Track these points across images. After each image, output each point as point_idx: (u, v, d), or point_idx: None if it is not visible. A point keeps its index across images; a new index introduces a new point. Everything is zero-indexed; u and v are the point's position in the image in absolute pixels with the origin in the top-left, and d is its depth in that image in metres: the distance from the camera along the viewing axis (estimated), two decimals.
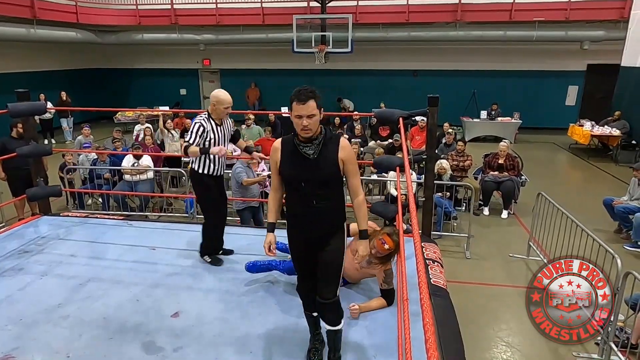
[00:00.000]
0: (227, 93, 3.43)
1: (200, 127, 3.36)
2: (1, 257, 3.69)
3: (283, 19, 11.99)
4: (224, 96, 3.39)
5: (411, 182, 2.21)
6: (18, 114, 4.19)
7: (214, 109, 3.41)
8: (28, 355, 2.49)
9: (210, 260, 3.60)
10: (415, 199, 5.03)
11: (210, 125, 3.39)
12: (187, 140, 3.38)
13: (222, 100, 3.37)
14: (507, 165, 6.67)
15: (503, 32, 12.04)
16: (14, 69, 12.22)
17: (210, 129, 3.39)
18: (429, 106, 3.73)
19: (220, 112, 3.41)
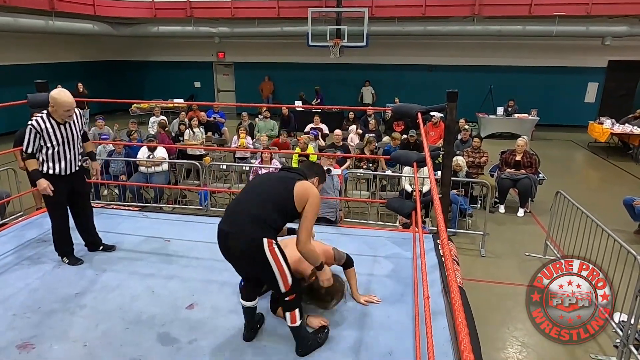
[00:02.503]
0: (69, 94, 3.23)
1: (32, 130, 3.17)
2: (20, 245, 3.75)
3: (298, 12, 11.93)
4: (63, 98, 3.18)
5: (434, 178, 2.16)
6: (37, 105, 4.22)
7: (53, 111, 3.22)
8: (46, 344, 2.53)
9: (68, 260, 3.46)
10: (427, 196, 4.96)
11: (49, 124, 3.21)
12: (25, 150, 3.21)
13: (60, 102, 3.17)
14: (524, 162, 6.56)
15: (522, 27, 11.82)
16: (32, 60, 12.41)
17: (48, 128, 3.20)
18: (447, 101, 3.66)
19: (61, 114, 3.22)
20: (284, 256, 2.39)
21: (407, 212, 3.73)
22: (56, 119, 3.25)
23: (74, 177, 3.46)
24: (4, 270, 3.35)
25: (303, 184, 2.43)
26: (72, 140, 3.36)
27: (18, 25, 10.20)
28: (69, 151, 3.35)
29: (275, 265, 2.34)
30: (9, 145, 6.91)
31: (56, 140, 3.26)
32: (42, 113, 3.27)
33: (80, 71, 13.94)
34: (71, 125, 3.34)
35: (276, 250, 2.35)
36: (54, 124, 3.24)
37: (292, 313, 2.45)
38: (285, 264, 2.38)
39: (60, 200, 3.40)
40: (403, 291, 3.13)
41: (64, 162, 3.33)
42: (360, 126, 9.57)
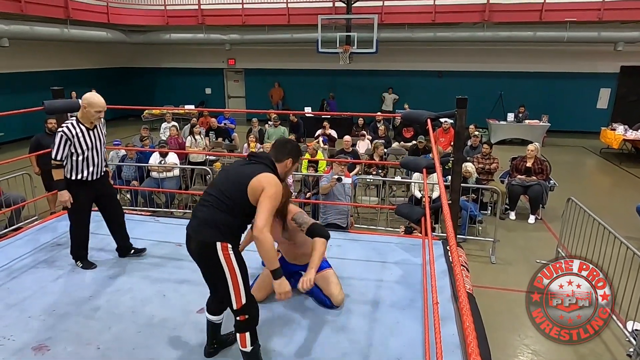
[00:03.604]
0: (101, 97, 3.34)
1: (63, 137, 3.23)
2: (35, 249, 3.82)
3: (308, 19, 12.03)
4: (96, 99, 3.29)
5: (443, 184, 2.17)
6: (53, 111, 4.32)
7: (84, 112, 3.30)
8: (60, 346, 2.57)
9: (82, 265, 3.50)
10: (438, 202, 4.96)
11: (79, 130, 3.28)
12: (54, 157, 3.26)
13: (93, 102, 3.27)
14: (535, 168, 6.52)
15: (533, 33, 11.77)
16: (47, 67, 12.66)
17: (79, 134, 3.28)
18: (457, 108, 3.67)
19: (91, 115, 3.30)
20: (242, 268, 2.24)
21: (416, 218, 3.73)
22: (85, 125, 3.34)
23: (100, 182, 3.54)
24: (20, 273, 3.42)
25: (258, 179, 2.22)
26: (100, 145, 3.45)
27: (34, 33, 10.43)
28: (96, 156, 3.43)
29: (229, 273, 2.20)
30: (24, 150, 7.05)
31: (86, 145, 3.32)
32: (71, 120, 3.33)
33: (93, 78, 14.19)
34: (98, 131, 3.44)
35: (232, 257, 2.21)
36: (83, 129, 3.31)
37: (242, 335, 2.28)
38: (242, 277, 2.23)
39: (83, 206, 3.46)
40: (412, 297, 3.14)
41: (92, 168, 3.40)
42: (369, 132, 9.59)
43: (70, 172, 3.36)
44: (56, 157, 3.26)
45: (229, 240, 2.22)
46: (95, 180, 3.45)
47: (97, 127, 3.42)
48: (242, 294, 2.24)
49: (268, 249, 2.15)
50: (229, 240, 2.22)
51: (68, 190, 3.35)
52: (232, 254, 2.22)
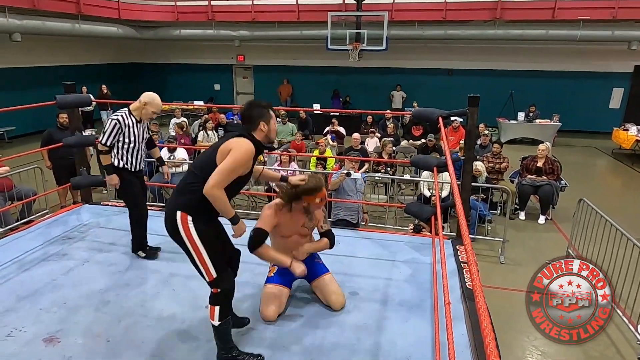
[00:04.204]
0: (160, 101, 3.49)
1: (116, 125, 3.37)
2: (46, 242, 3.86)
3: (318, 15, 11.99)
4: (158, 101, 3.45)
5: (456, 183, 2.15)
6: (65, 106, 4.36)
7: (141, 108, 3.43)
8: (71, 338, 2.59)
9: (145, 254, 3.59)
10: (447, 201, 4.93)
11: (130, 121, 3.43)
12: (101, 141, 3.40)
13: (154, 104, 3.42)
14: (546, 168, 6.45)
15: (545, 31, 11.63)
16: (57, 62, 12.77)
17: (130, 124, 3.42)
18: (469, 106, 3.63)
19: (146, 113, 3.44)
20: (206, 241, 2.23)
21: (426, 216, 3.71)
22: (135, 117, 3.46)
23: (140, 175, 3.68)
24: (32, 266, 3.45)
25: (227, 144, 2.22)
26: (143, 139, 3.58)
27: (46, 28, 10.51)
28: (140, 149, 3.56)
29: (191, 246, 2.20)
30: (35, 144, 7.12)
31: (134, 136, 3.47)
32: (123, 110, 3.46)
33: (103, 73, 14.28)
34: (144, 126, 3.57)
35: (191, 230, 2.18)
36: (134, 121, 3.46)
37: (212, 308, 2.29)
38: (207, 250, 2.21)
39: (138, 191, 3.62)
40: (421, 296, 3.12)
41: (137, 158, 3.54)
42: (378, 130, 9.55)
43: (122, 162, 3.49)
44: (105, 142, 3.39)
45: (190, 212, 2.20)
46: (138, 171, 3.60)
47: (142, 121, 3.55)
48: (211, 268, 2.24)
49: (220, 203, 2.19)
50: (189, 212, 2.20)
51: (126, 177, 3.51)
52: (192, 227, 2.19)
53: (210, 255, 2.24)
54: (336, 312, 2.90)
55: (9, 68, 11.48)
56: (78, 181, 4.65)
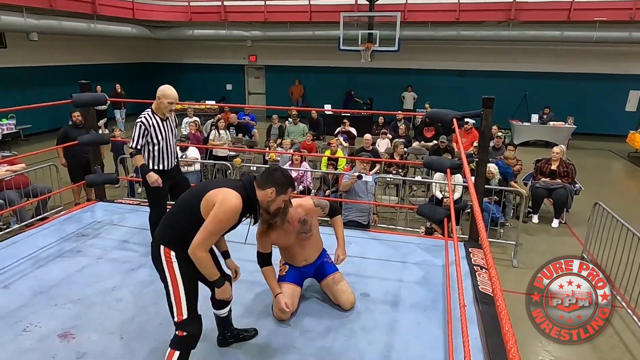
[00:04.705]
0: (173, 89, 3.47)
1: (142, 127, 3.40)
2: (61, 239, 3.91)
3: (330, 16, 11.98)
4: (170, 91, 3.44)
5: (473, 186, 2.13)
6: (81, 104, 4.41)
7: (158, 104, 3.46)
8: (85, 334, 2.62)
9: None
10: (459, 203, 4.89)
11: (155, 120, 3.45)
12: (131, 145, 3.44)
13: (166, 94, 3.42)
14: (560, 171, 6.36)
15: (560, 33, 11.47)
16: (73, 62, 12.94)
17: (154, 124, 3.44)
18: (483, 107, 3.60)
19: (164, 107, 3.45)
20: (186, 280, 2.13)
21: (438, 218, 3.68)
22: (159, 116, 3.49)
23: (175, 171, 3.70)
24: (46, 262, 3.50)
25: (214, 194, 2.10)
26: (171, 136, 3.61)
27: (62, 28, 10.65)
28: (170, 147, 3.59)
29: (170, 281, 2.11)
30: (50, 142, 7.22)
31: (161, 135, 3.48)
32: (147, 111, 3.49)
33: (117, 72, 14.44)
34: (170, 123, 3.59)
35: (174, 264, 2.11)
36: (158, 120, 3.48)
37: (171, 352, 2.14)
38: (185, 289, 2.12)
39: (163, 194, 3.64)
40: (434, 298, 3.10)
41: (167, 157, 3.56)
42: (389, 131, 9.51)
43: (151, 163, 3.51)
44: (135, 146, 3.44)
45: (174, 248, 2.13)
46: (171, 169, 3.60)
47: (169, 119, 3.57)
48: (183, 308, 2.13)
49: (204, 265, 2.12)
50: (172, 248, 2.13)
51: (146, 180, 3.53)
52: (175, 262, 2.12)
53: (186, 294, 2.13)
54: (347, 313, 2.90)
55: (25, 67, 11.67)
56: (92, 179, 4.71)
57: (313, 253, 2.99)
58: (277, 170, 2.29)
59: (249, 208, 2.21)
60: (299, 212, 2.81)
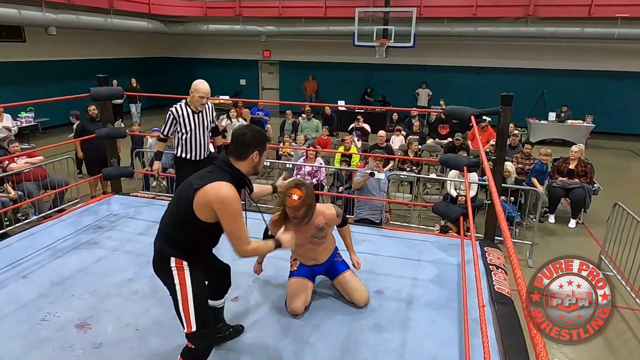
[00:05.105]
0: (206, 84, 3.56)
1: (170, 116, 3.57)
2: (78, 230, 3.97)
3: (345, 11, 11.91)
4: (201, 85, 3.52)
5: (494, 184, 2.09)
6: (99, 98, 4.46)
7: (191, 97, 3.57)
8: (101, 325, 2.66)
9: None
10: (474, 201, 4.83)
11: (186, 112, 3.58)
12: (161, 132, 3.68)
13: (197, 88, 3.51)
14: (578, 171, 6.24)
15: (580, 29, 11.23)
16: (90, 56, 13.10)
17: (184, 115, 3.57)
18: (501, 105, 3.54)
19: (195, 100, 3.55)
20: (197, 291, 2.05)
21: (454, 217, 3.64)
22: (192, 108, 3.59)
23: (205, 163, 3.71)
24: (64, 253, 3.55)
25: (204, 193, 1.95)
26: (203, 128, 3.67)
27: (80, 22, 10.78)
28: (200, 138, 3.66)
29: (180, 291, 2.02)
30: (68, 135, 7.33)
31: (190, 126, 3.60)
32: (181, 102, 3.64)
33: (133, 67, 14.57)
34: (203, 116, 3.65)
35: (185, 273, 2.03)
36: (189, 112, 3.59)
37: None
38: (194, 300, 2.03)
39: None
40: (448, 297, 3.07)
41: (195, 149, 3.65)
42: (404, 128, 9.43)
43: (179, 151, 3.67)
44: (164, 132, 3.68)
45: (185, 257, 2.06)
46: (200, 160, 3.67)
47: (202, 112, 3.64)
48: (192, 319, 2.03)
49: (260, 252, 2.30)
50: (184, 258, 2.06)
51: (176, 167, 3.75)
52: (187, 273, 2.04)
53: (196, 306, 2.04)
54: (361, 310, 2.89)
55: (44, 61, 11.85)
56: (109, 172, 4.76)
57: (324, 255, 2.96)
58: (246, 133, 2.09)
59: (240, 185, 2.09)
60: (319, 220, 2.79)
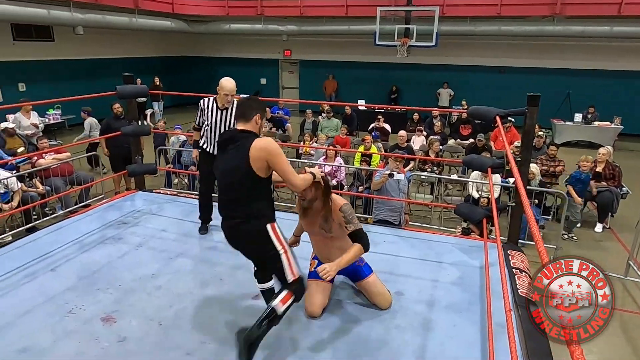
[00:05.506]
0: (232, 82, 3.62)
1: (200, 107, 3.75)
2: (103, 226, 4.06)
3: (366, 10, 11.84)
4: (224, 83, 3.61)
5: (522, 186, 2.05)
6: (125, 96, 4.54)
7: (218, 94, 3.68)
8: (126, 319, 2.71)
9: (199, 227, 3.99)
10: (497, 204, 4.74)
11: (212, 106, 3.70)
12: (195, 122, 3.90)
13: (222, 86, 3.61)
14: (606, 174, 6.06)
15: (609, 28, 10.91)
16: (115, 55, 13.38)
17: (210, 108, 3.69)
18: (528, 105, 3.47)
19: (221, 97, 3.64)
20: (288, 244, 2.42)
21: (477, 218, 3.58)
22: (217, 104, 3.70)
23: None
24: (90, 247, 3.64)
25: (255, 150, 2.25)
26: (226, 125, 3.74)
27: (106, 22, 11.03)
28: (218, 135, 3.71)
29: (282, 251, 2.35)
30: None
31: (213, 120, 3.71)
32: (212, 96, 3.76)
33: (156, 65, 14.82)
34: (228, 113, 3.72)
35: (279, 235, 2.37)
36: (215, 107, 3.71)
37: (289, 294, 2.35)
38: (291, 251, 2.41)
39: (204, 174, 3.90)
40: (470, 300, 3.03)
41: (214, 143, 3.74)
42: (425, 128, 9.33)
43: (202, 142, 3.83)
44: (196, 122, 3.87)
45: (271, 220, 2.38)
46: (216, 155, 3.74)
47: (228, 110, 3.72)
48: (295, 268, 2.39)
49: (307, 183, 2.46)
50: (271, 221, 2.38)
51: (199, 156, 3.91)
52: (279, 232, 2.38)
53: (293, 257, 2.41)
54: (381, 311, 2.87)
55: (71, 59, 12.16)
56: (133, 169, 4.85)
57: (337, 255, 2.92)
58: (249, 99, 2.52)
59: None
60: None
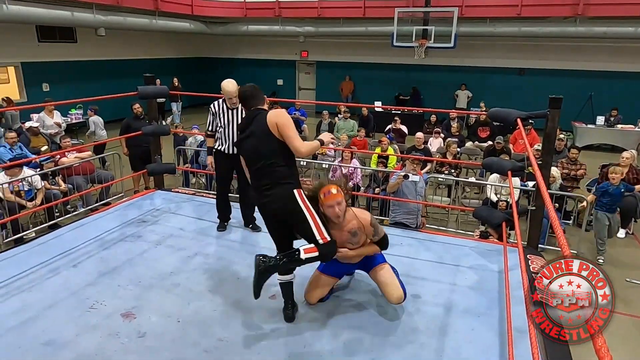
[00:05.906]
0: (233, 84, 3.65)
1: (210, 112, 3.83)
2: (123, 224, 4.13)
3: (384, 11, 11.79)
4: (224, 85, 3.65)
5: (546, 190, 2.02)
6: (146, 96, 4.62)
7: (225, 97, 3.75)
8: (145, 315, 2.75)
9: (218, 224, 4.08)
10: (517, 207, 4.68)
11: (222, 108, 3.78)
12: (206, 129, 3.96)
13: (223, 90, 3.66)
14: (630, 178, 5.91)
15: (634, 29, 10.65)
16: (135, 56, 13.64)
17: (221, 110, 3.78)
18: (550, 108, 3.41)
19: (228, 101, 3.72)
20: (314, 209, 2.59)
21: (497, 222, 3.54)
22: (227, 105, 3.79)
23: (237, 159, 3.82)
24: (110, 245, 3.71)
25: (270, 119, 2.57)
26: (237, 124, 3.79)
27: (127, 24, 11.25)
28: (232, 133, 3.81)
29: (308, 214, 2.54)
30: (114, 132, 7.64)
31: (225, 121, 3.79)
32: (221, 99, 3.84)
33: (175, 66, 15.05)
34: (238, 112, 3.80)
35: (306, 200, 2.57)
36: (225, 108, 3.80)
37: (314, 248, 2.53)
38: (318, 215, 2.58)
39: (221, 174, 4.00)
40: (488, 304, 2.99)
41: (228, 142, 3.82)
42: (442, 130, 9.25)
43: (217, 144, 3.90)
44: (208, 128, 3.94)
45: (298, 186, 2.60)
46: (233, 154, 3.78)
47: (237, 109, 3.80)
48: (324, 231, 2.56)
49: (313, 148, 2.65)
50: (298, 187, 2.60)
51: (215, 158, 3.96)
52: (305, 198, 2.59)
53: (322, 221, 2.59)
54: (398, 313, 2.85)
55: (93, 60, 12.42)
56: (153, 168, 4.93)
57: (358, 259, 2.94)
58: (250, 87, 2.78)
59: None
60: (353, 224, 2.74)
